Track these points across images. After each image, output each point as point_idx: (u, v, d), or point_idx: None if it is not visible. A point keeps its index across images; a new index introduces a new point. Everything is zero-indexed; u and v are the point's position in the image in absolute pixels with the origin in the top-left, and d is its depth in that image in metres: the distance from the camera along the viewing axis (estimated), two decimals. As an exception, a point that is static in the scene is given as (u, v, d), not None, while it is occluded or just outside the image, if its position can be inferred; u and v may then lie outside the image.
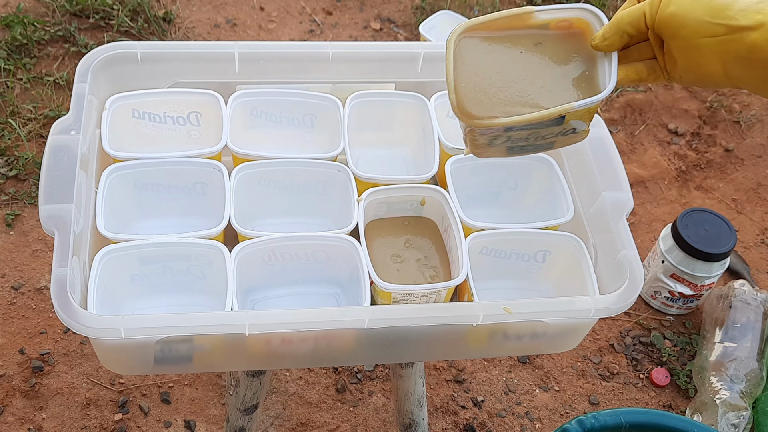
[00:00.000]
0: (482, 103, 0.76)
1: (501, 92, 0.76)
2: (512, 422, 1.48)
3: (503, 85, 0.76)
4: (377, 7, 2.23)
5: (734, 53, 0.64)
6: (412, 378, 1.18)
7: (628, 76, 0.74)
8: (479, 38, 0.78)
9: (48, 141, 0.90)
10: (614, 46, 0.72)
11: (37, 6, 2.06)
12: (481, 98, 0.76)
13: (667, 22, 0.67)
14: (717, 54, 0.65)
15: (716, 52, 0.65)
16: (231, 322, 0.81)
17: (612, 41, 0.72)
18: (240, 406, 1.13)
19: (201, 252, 0.91)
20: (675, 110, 2.06)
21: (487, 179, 1.05)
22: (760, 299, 1.59)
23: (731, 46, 0.64)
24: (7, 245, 1.62)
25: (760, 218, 1.87)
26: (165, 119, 1.03)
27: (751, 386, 1.48)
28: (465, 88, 0.76)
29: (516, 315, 0.84)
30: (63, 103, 1.85)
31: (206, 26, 2.11)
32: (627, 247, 0.88)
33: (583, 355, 1.59)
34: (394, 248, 0.98)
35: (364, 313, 0.82)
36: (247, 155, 0.98)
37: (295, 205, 1.02)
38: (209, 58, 1.02)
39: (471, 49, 0.77)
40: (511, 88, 0.76)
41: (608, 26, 0.72)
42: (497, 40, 0.78)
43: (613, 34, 0.71)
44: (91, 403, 1.42)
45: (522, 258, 0.99)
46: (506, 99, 0.76)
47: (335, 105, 1.04)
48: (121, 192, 0.96)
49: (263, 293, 0.98)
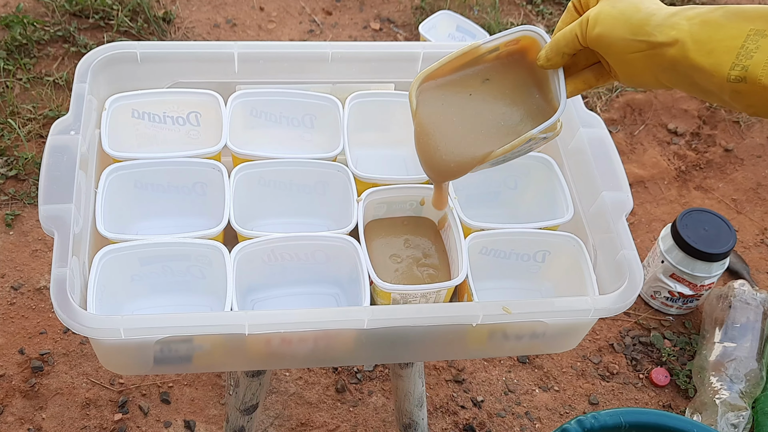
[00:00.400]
0: (453, 147, 0.81)
1: (465, 137, 0.81)
2: (512, 422, 1.48)
3: (464, 130, 0.81)
4: (377, 7, 2.23)
5: (660, 66, 0.68)
6: (412, 378, 1.18)
7: (578, 88, 0.79)
8: (433, 87, 0.82)
9: (48, 141, 0.90)
10: (558, 65, 0.77)
11: (36, 6, 2.06)
12: (450, 146, 0.81)
13: (596, 42, 0.71)
14: (646, 66, 0.69)
15: (645, 65, 0.69)
16: (231, 323, 0.81)
17: (555, 61, 0.77)
18: (240, 406, 1.13)
19: (201, 252, 0.91)
20: (674, 110, 2.06)
21: (486, 179, 1.05)
22: (759, 299, 1.59)
23: (656, 60, 0.68)
24: (6, 245, 1.62)
25: (759, 218, 1.87)
26: (165, 119, 1.03)
27: (750, 386, 1.48)
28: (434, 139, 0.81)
29: (515, 315, 0.84)
30: (62, 103, 1.85)
31: (206, 26, 2.11)
32: (626, 247, 0.88)
33: (583, 355, 1.59)
34: (393, 248, 0.98)
35: (363, 313, 0.82)
36: (246, 155, 0.98)
37: (294, 205, 1.02)
38: (209, 58, 1.02)
39: (427, 100, 0.82)
40: (471, 130, 0.81)
41: (549, 48, 0.76)
42: (448, 86, 0.82)
43: (555, 55, 0.76)
44: (90, 403, 1.43)
45: (521, 258, 0.99)
46: (472, 141, 0.80)
47: (335, 105, 1.04)
48: (120, 192, 0.96)
49: (263, 293, 0.98)
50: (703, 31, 0.65)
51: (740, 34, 0.63)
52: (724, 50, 0.63)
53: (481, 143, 0.80)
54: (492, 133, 0.80)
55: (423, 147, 0.82)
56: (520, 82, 0.81)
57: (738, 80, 0.63)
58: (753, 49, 0.62)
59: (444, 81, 0.82)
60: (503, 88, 0.82)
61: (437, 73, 0.82)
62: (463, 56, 0.81)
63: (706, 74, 0.64)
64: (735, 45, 0.63)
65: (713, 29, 0.64)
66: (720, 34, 0.64)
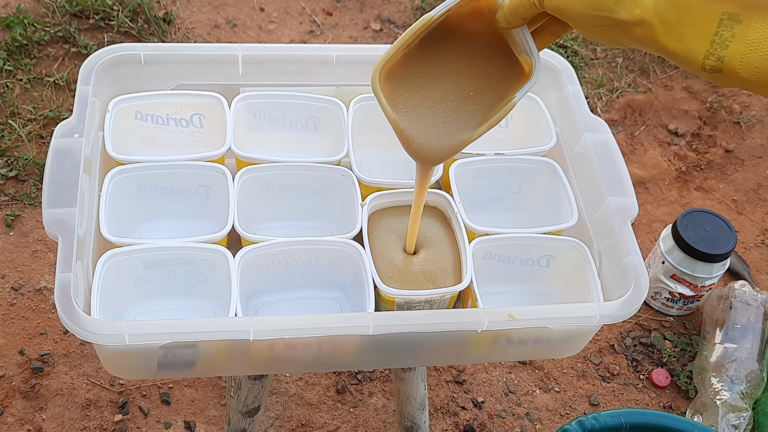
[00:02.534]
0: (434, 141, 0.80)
1: (442, 125, 0.79)
2: (512, 423, 1.48)
3: (439, 118, 0.79)
4: (377, 7, 2.22)
5: (626, 40, 0.64)
6: (414, 381, 1.18)
7: (546, 41, 0.75)
8: (397, 77, 0.79)
9: (51, 144, 0.89)
10: (520, 25, 0.73)
11: (37, 7, 2.05)
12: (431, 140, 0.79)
13: (557, 12, 0.68)
14: (612, 39, 0.66)
15: (611, 38, 0.65)
16: (235, 328, 0.80)
17: (516, 24, 0.73)
18: (242, 408, 1.13)
19: (204, 256, 0.91)
20: (675, 111, 2.06)
21: (490, 183, 1.04)
22: (760, 300, 1.59)
23: (622, 35, 0.64)
24: (7, 246, 1.61)
25: (760, 219, 1.87)
26: (168, 121, 1.02)
27: (751, 387, 1.48)
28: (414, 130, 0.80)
29: (521, 321, 0.84)
30: (63, 103, 1.85)
31: (206, 27, 2.10)
32: (632, 253, 0.88)
33: (584, 356, 1.59)
34: (398, 252, 0.97)
35: (368, 319, 0.82)
36: (250, 159, 0.98)
37: (298, 208, 1.02)
38: (212, 60, 1.01)
39: (394, 95, 0.80)
40: (445, 116, 0.79)
41: (508, 12, 0.72)
42: (410, 72, 0.79)
43: (515, 19, 0.72)
44: (90, 404, 1.42)
45: (526, 263, 0.98)
46: (450, 128, 0.79)
47: (339, 108, 1.04)
48: (124, 195, 0.96)
49: (266, 297, 0.97)
50: (670, 12, 0.60)
51: (712, 18, 0.59)
52: (696, 36, 0.60)
53: (460, 128, 0.79)
54: (468, 111, 0.78)
55: (405, 144, 0.81)
56: (482, 44, 0.77)
57: (714, 70, 0.60)
58: (728, 37, 0.58)
59: (404, 67, 0.79)
60: (465, 57, 0.78)
61: (395, 58, 0.78)
62: (417, 32, 0.77)
63: (679, 59, 0.61)
64: (708, 31, 0.59)
65: (682, 11, 0.60)
66: (690, 16, 0.60)
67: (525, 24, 0.73)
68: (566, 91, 1.02)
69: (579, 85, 1.03)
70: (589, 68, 2.12)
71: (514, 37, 0.75)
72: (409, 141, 0.80)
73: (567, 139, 1.03)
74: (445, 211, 0.99)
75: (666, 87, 2.11)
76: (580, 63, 2.12)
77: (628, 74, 2.11)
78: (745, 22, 0.58)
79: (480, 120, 0.78)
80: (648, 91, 2.09)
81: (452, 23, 0.77)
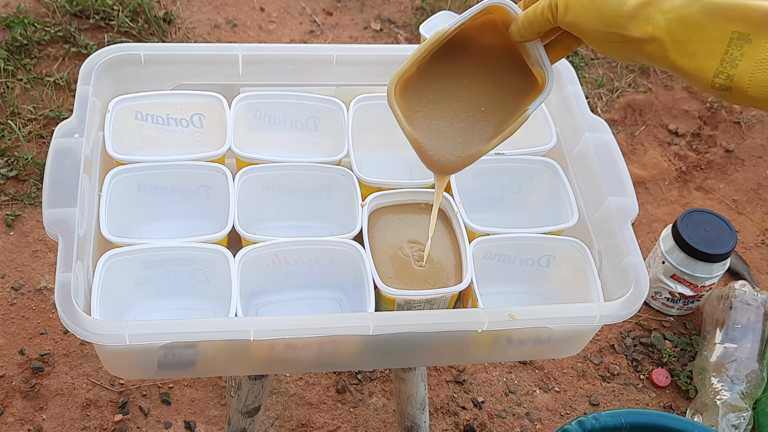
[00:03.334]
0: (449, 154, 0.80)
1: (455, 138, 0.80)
2: (513, 423, 1.48)
3: (453, 131, 0.80)
4: (377, 7, 2.22)
5: (638, 56, 0.65)
6: (414, 381, 1.18)
7: (559, 54, 0.76)
8: (412, 90, 0.80)
9: (51, 144, 0.89)
10: (533, 39, 0.74)
11: (37, 6, 2.05)
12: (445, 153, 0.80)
13: (570, 28, 0.68)
14: (624, 55, 0.66)
15: (623, 54, 0.66)
16: (235, 328, 0.80)
17: (530, 37, 0.73)
18: (242, 408, 1.13)
19: (205, 256, 0.91)
20: (675, 111, 2.06)
21: (491, 183, 1.04)
22: (760, 300, 1.59)
23: (634, 51, 0.65)
24: (7, 246, 1.61)
25: (760, 219, 1.87)
26: (168, 121, 1.02)
27: (751, 387, 1.48)
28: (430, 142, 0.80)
29: (521, 321, 0.84)
30: (63, 103, 1.85)
31: (206, 27, 2.10)
32: (632, 253, 0.88)
33: (584, 356, 1.59)
34: (398, 252, 0.97)
35: (369, 319, 0.82)
36: (250, 159, 0.98)
37: (298, 208, 1.02)
38: (213, 60, 1.01)
39: (409, 109, 0.80)
40: (462, 128, 0.79)
41: (521, 26, 0.73)
42: (424, 85, 0.80)
43: (529, 33, 0.73)
44: (91, 404, 1.42)
45: (526, 263, 0.98)
46: (466, 140, 0.79)
47: (339, 108, 1.04)
48: (124, 195, 0.96)
49: (267, 297, 0.97)
50: (681, 30, 0.61)
51: (722, 36, 0.60)
52: (706, 54, 0.60)
53: (474, 139, 0.79)
54: (482, 123, 0.79)
55: (421, 157, 0.82)
56: (495, 57, 0.78)
57: (723, 88, 0.60)
58: (738, 56, 0.59)
59: (419, 80, 0.79)
60: (479, 69, 0.79)
61: (410, 71, 0.79)
62: (431, 46, 0.77)
63: (689, 77, 0.62)
64: (718, 50, 0.60)
65: (692, 29, 0.61)
66: (700, 35, 0.60)
67: (539, 38, 0.74)
68: (566, 90, 1.02)
69: (579, 84, 1.03)
70: (590, 68, 2.12)
71: (527, 50, 0.76)
72: (425, 154, 0.81)
73: (567, 139, 1.03)
74: (446, 211, 0.99)
75: (666, 87, 2.11)
76: (581, 63, 2.12)
77: (628, 74, 2.11)
78: (755, 41, 0.59)
79: (493, 132, 0.79)
80: (648, 91, 2.09)
81: (466, 36, 0.78)
